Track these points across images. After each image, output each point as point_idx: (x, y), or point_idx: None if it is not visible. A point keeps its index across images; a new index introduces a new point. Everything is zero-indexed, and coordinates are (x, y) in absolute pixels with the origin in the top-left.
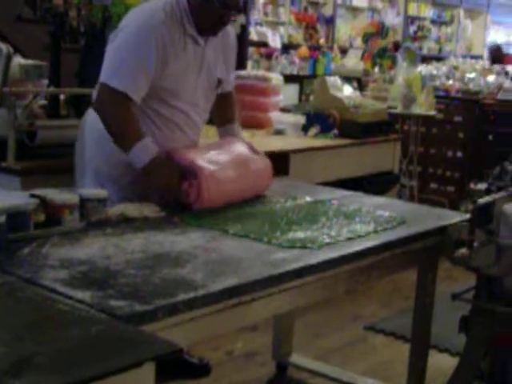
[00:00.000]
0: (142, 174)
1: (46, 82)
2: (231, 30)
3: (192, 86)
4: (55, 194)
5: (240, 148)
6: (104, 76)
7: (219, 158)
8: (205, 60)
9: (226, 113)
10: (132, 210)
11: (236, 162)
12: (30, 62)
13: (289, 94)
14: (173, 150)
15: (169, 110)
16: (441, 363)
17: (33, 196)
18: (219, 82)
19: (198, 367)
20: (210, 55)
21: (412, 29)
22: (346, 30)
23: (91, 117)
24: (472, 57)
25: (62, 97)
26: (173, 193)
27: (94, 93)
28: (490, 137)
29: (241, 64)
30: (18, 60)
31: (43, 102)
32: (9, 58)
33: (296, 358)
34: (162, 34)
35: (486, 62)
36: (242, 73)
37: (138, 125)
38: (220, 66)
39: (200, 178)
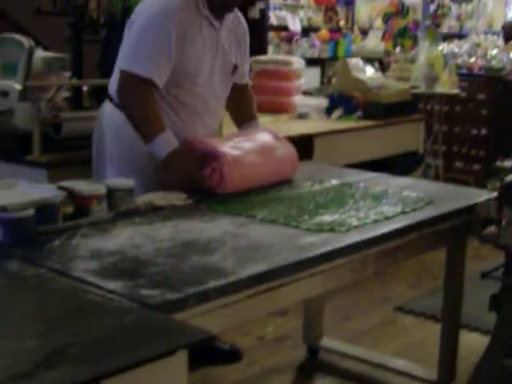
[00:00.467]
0: (161, 165)
1: (68, 74)
2: (242, 19)
3: (209, 70)
4: (83, 186)
5: (263, 135)
6: (125, 63)
7: (242, 144)
8: (220, 43)
9: (245, 111)
10: (160, 198)
11: (259, 147)
12: (51, 54)
13: (310, 77)
14: (194, 139)
15: (187, 95)
16: (472, 342)
17: (60, 188)
18: (235, 67)
19: (230, 353)
20: (225, 39)
21: (432, 7)
22: (366, 10)
23: (108, 108)
24: (493, 33)
25: (84, 88)
26: (193, 181)
27: (112, 83)
28: None
29: (261, 49)
30: (40, 53)
31: (66, 94)
32: (31, 52)
33: (327, 341)
34: (180, 17)
35: (500, 41)
36: (263, 58)
37: (161, 115)
38: (234, 51)
39: (222, 162)
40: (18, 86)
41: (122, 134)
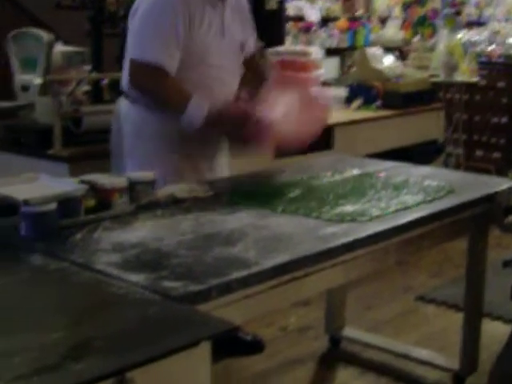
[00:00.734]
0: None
1: (88, 67)
2: None
3: (218, 51)
4: (104, 179)
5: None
6: (135, 52)
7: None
8: (225, 23)
9: (255, 75)
10: (181, 190)
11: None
12: (71, 48)
13: (329, 67)
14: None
15: (201, 76)
16: (494, 331)
17: (82, 182)
18: (242, 44)
19: (252, 344)
20: (229, 18)
21: None
22: None
23: (124, 103)
24: None
25: (104, 82)
26: (240, 136)
27: (124, 78)
28: None
29: (279, 40)
30: (60, 47)
31: (86, 87)
32: (50, 46)
33: (349, 331)
34: (183, 0)
35: None
36: (281, 49)
37: (181, 87)
38: (240, 28)
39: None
40: (39, 81)
41: (139, 129)
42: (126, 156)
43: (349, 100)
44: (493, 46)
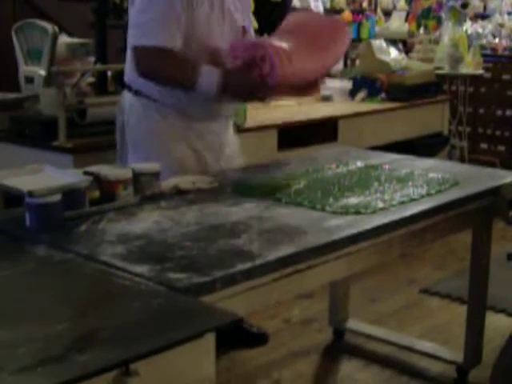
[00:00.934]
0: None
1: (92, 59)
2: None
3: (219, 33)
4: (109, 170)
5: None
6: (136, 39)
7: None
8: (225, 7)
9: None
10: (185, 182)
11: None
12: (75, 40)
13: None
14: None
15: (202, 59)
16: (497, 324)
17: (86, 173)
18: (243, 29)
19: (257, 336)
20: (229, 3)
21: None
22: None
23: (128, 96)
24: None
25: (109, 73)
26: (255, 90)
27: (127, 70)
28: None
29: None
30: (64, 39)
31: (91, 79)
32: (55, 38)
33: (352, 324)
34: None
35: None
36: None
37: (188, 60)
38: (241, 13)
39: (267, 47)
40: (43, 72)
41: (143, 121)
42: (131, 148)
43: (353, 92)
44: (497, 39)
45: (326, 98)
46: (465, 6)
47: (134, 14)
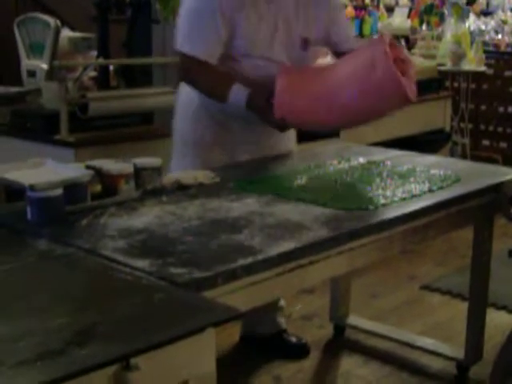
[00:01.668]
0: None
1: (94, 53)
2: None
3: (266, 43)
4: (110, 165)
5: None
6: (180, 44)
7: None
8: (280, 16)
9: None
10: (187, 177)
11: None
12: (78, 34)
13: None
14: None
15: (244, 68)
16: (498, 320)
17: (88, 167)
18: (306, 41)
19: (297, 347)
20: (288, 12)
21: None
22: None
23: (182, 85)
24: None
25: (111, 68)
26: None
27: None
28: None
29: None
30: (66, 33)
31: (93, 73)
32: (57, 32)
33: (353, 319)
34: None
35: None
36: None
37: (225, 75)
38: (308, 23)
39: (281, 80)
40: (45, 66)
41: (185, 108)
42: (175, 136)
43: None
44: (500, 36)
45: None
46: (471, 2)
47: (181, 16)
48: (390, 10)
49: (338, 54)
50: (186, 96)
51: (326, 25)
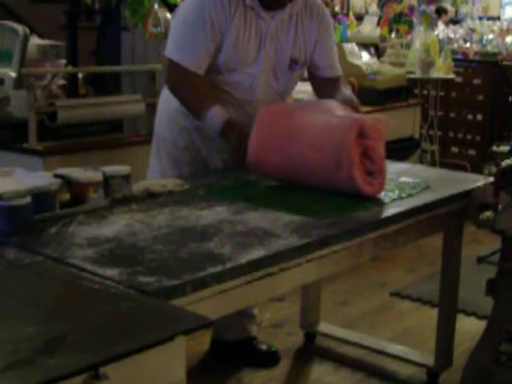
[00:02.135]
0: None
1: (63, 61)
2: (322, 11)
3: (252, 62)
4: (79, 173)
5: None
6: (168, 50)
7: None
8: (268, 34)
9: (328, 93)
10: (156, 185)
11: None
12: (46, 42)
13: None
14: None
15: (228, 85)
16: (468, 327)
17: (57, 176)
18: (295, 62)
19: (267, 355)
20: (279, 31)
21: None
22: None
23: (164, 89)
24: (489, 18)
25: (80, 76)
26: (240, 154)
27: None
28: (510, 98)
29: None
30: (35, 40)
31: (61, 81)
32: (26, 39)
33: (324, 327)
34: (215, 9)
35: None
36: None
37: (207, 94)
38: (297, 44)
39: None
40: (13, 74)
41: (169, 112)
42: (156, 141)
43: None
44: (469, 44)
45: (298, 101)
46: (440, 12)
47: (174, 24)
48: (359, 18)
49: (318, 80)
50: (165, 98)
51: (315, 48)
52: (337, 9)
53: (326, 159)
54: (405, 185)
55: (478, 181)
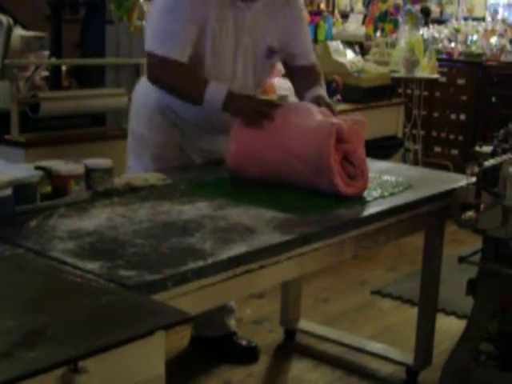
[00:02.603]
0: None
1: (47, 53)
2: (296, 2)
3: (229, 52)
4: (61, 165)
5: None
6: (149, 43)
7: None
8: (245, 24)
9: (304, 82)
10: (138, 178)
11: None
12: (30, 33)
13: None
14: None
15: (207, 74)
16: (448, 326)
17: (38, 168)
18: (272, 51)
19: (247, 350)
20: (255, 20)
21: None
22: None
23: (139, 86)
24: (474, 19)
25: (63, 68)
26: (259, 113)
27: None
28: (493, 99)
29: None
30: (19, 32)
31: (45, 73)
32: (9, 30)
33: (304, 324)
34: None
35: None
36: None
37: (196, 75)
38: (274, 33)
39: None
40: None
41: (144, 109)
42: (130, 136)
43: None
44: (453, 44)
45: (282, 98)
46: (426, 12)
47: (151, 15)
48: (344, 16)
49: (294, 69)
50: (141, 97)
51: (288, 36)
52: (322, 6)
53: (307, 167)
54: (387, 183)
55: (461, 181)
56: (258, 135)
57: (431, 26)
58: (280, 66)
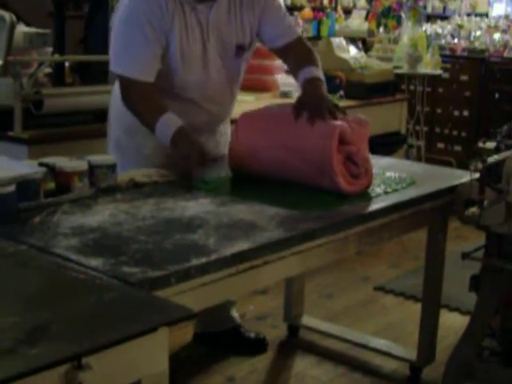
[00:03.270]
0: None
1: (50, 49)
2: None
3: (199, 53)
4: (64, 162)
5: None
6: (111, 64)
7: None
8: (210, 26)
9: (295, 60)
10: (141, 175)
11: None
12: (33, 29)
13: None
14: None
15: (179, 83)
16: (451, 322)
17: (42, 164)
18: (241, 47)
19: (255, 342)
20: (219, 20)
21: None
22: None
23: (115, 87)
24: (477, 15)
25: (66, 64)
26: (191, 164)
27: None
28: (497, 95)
29: None
30: (22, 28)
31: (48, 70)
32: (12, 27)
33: (307, 320)
34: (149, 10)
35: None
36: None
37: (157, 103)
38: (242, 30)
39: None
40: (0, 61)
41: (122, 113)
42: (109, 138)
43: None
44: (456, 40)
45: (285, 94)
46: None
47: (113, 32)
48: (347, 12)
49: (281, 50)
50: (122, 105)
51: (257, 28)
52: (325, 2)
53: (309, 167)
54: (390, 180)
55: (464, 177)
56: (261, 134)
57: (427, 24)
58: (281, 63)
